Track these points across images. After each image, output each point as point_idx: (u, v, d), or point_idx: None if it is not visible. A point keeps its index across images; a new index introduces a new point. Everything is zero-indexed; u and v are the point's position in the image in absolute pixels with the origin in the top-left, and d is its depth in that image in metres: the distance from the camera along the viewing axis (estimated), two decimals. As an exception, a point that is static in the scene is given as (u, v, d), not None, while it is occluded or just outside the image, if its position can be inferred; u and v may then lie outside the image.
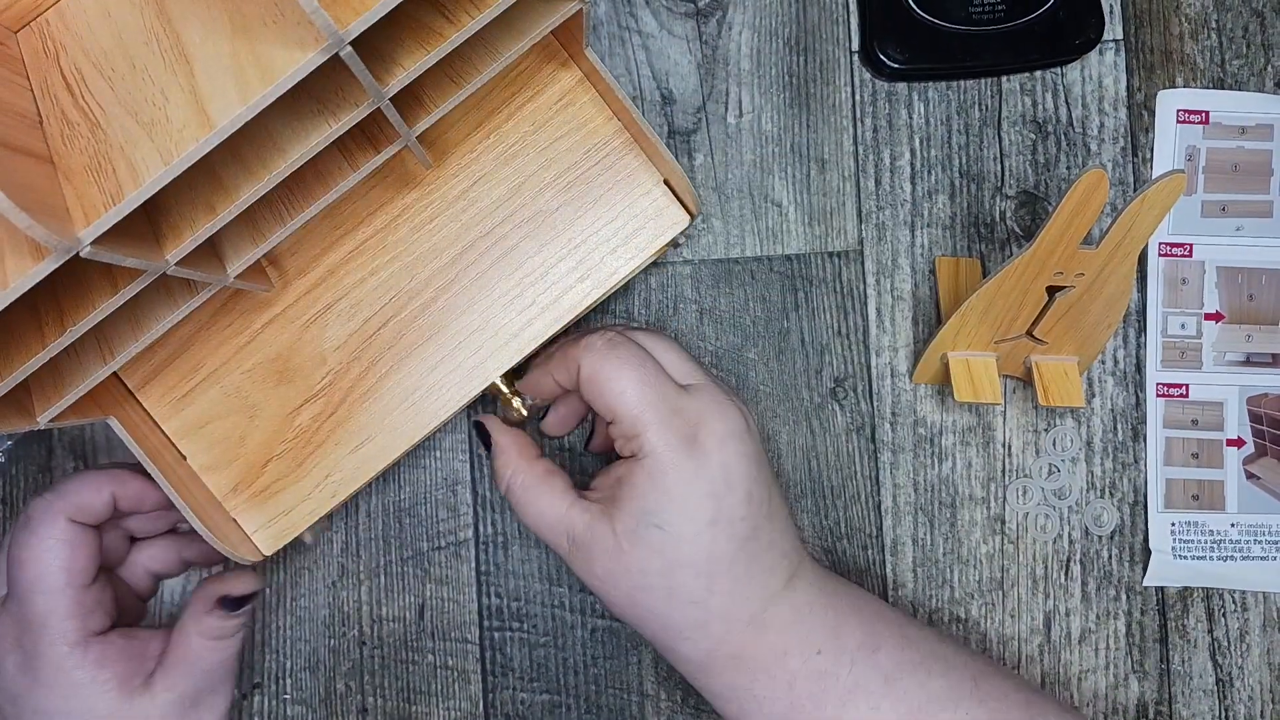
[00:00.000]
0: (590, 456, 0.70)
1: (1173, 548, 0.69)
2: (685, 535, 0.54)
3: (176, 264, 0.45)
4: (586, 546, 0.57)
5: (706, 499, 0.55)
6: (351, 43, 0.40)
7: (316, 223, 0.62)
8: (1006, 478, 0.70)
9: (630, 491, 0.55)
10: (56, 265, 0.38)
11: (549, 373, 0.59)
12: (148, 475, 0.58)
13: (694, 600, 0.55)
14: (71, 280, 0.45)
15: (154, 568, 0.63)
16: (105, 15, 0.45)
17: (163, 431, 0.61)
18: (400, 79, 0.45)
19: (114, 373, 0.57)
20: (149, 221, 0.45)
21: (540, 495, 0.59)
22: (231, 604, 0.58)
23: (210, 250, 0.51)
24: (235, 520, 0.61)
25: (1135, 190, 0.64)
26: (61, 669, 0.55)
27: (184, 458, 0.61)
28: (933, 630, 0.60)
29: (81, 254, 0.39)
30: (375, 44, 0.45)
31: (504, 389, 0.63)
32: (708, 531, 0.55)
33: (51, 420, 0.50)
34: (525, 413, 0.63)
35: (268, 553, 0.60)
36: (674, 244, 0.64)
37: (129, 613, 0.62)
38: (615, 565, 0.56)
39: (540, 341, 0.62)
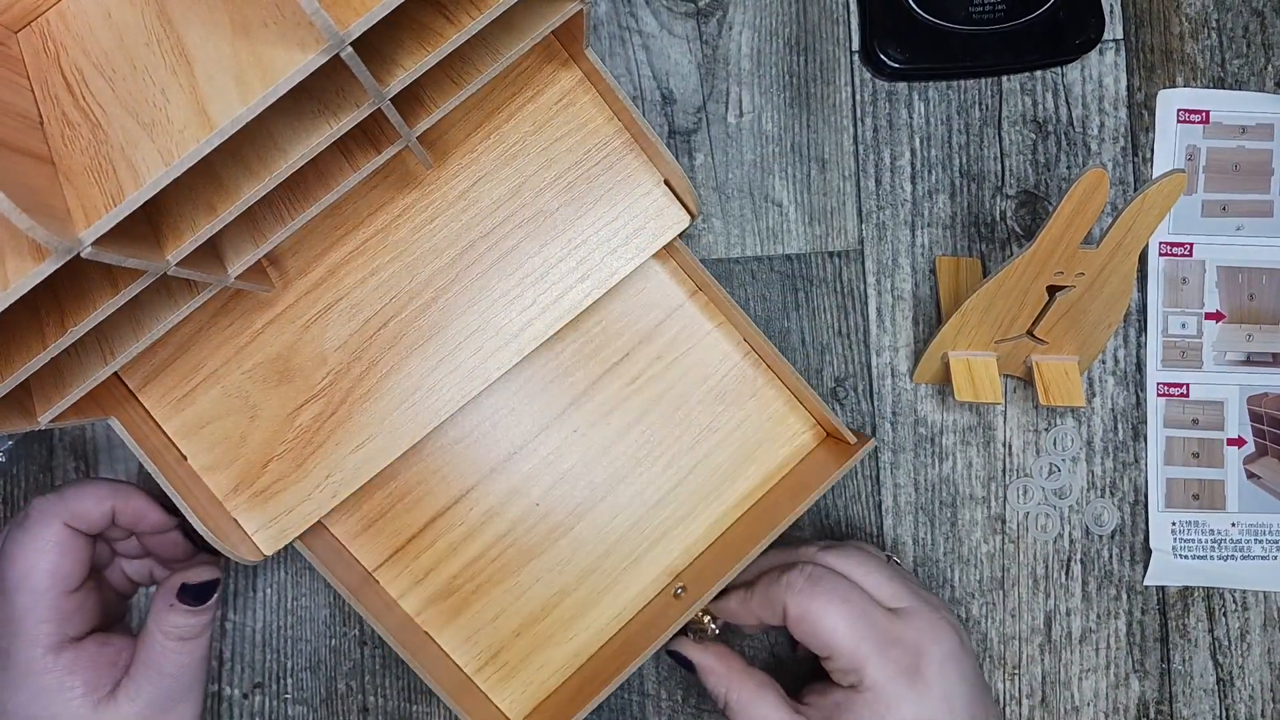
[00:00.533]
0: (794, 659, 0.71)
1: (1173, 547, 0.69)
2: None
3: (177, 264, 0.45)
4: None
5: None
6: (352, 43, 0.40)
7: (317, 223, 0.62)
8: (1007, 477, 0.70)
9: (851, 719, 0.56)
10: (57, 266, 0.38)
11: (751, 611, 0.61)
12: (151, 495, 0.58)
13: None
14: (72, 281, 0.45)
15: (134, 575, 0.63)
16: (106, 16, 0.45)
17: (163, 432, 0.61)
18: (401, 79, 0.45)
19: (115, 373, 0.57)
20: (149, 222, 0.45)
21: (761, 709, 0.59)
22: (193, 596, 0.57)
23: (211, 250, 0.51)
24: (236, 520, 0.61)
25: (1135, 190, 0.64)
26: (31, 672, 0.55)
27: (185, 458, 0.61)
28: None
29: (82, 255, 0.39)
30: (376, 44, 0.45)
31: (698, 613, 0.63)
32: None
33: (52, 420, 0.50)
34: (717, 630, 0.63)
35: (268, 552, 0.60)
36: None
37: (111, 611, 0.61)
38: None
39: (540, 341, 0.62)
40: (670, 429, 0.67)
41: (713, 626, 0.63)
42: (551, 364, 0.67)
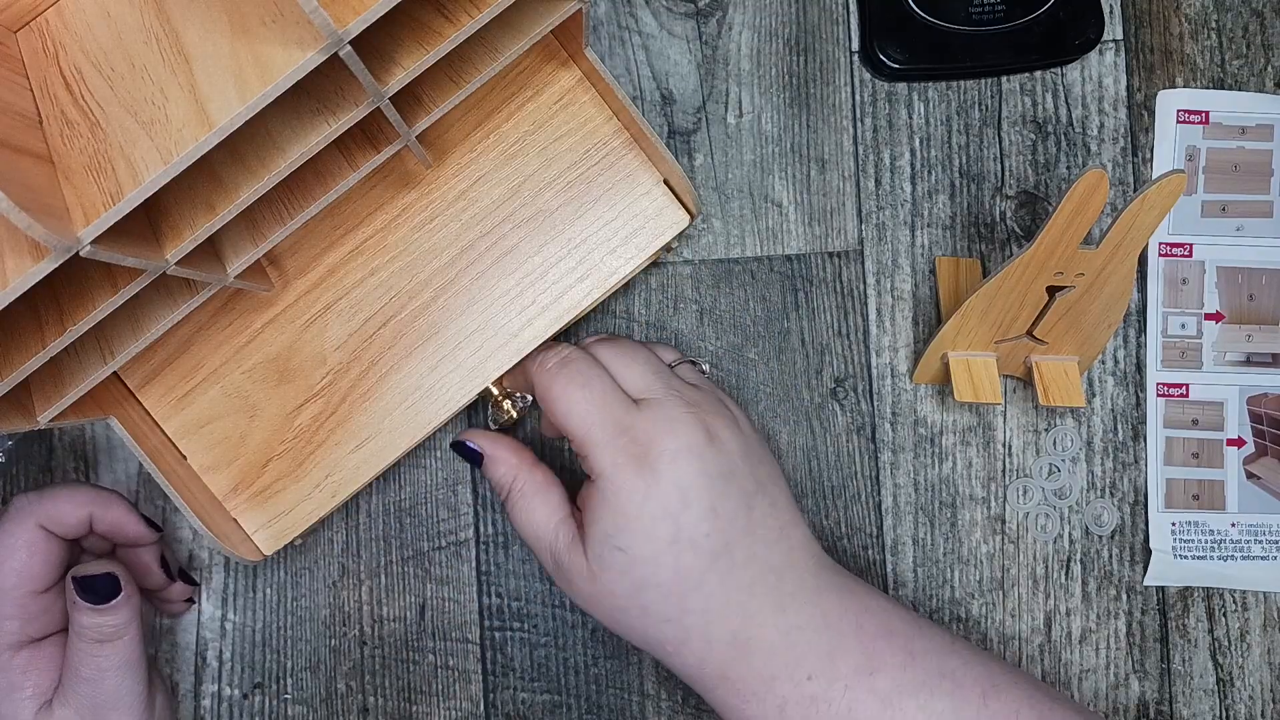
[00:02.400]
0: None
1: (1173, 547, 0.69)
2: (646, 556, 0.54)
3: (176, 264, 0.45)
4: (566, 569, 0.56)
5: (663, 518, 0.53)
6: (351, 42, 0.40)
7: (316, 222, 0.62)
8: (1007, 478, 0.70)
9: (591, 515, 0.55)
10: (56, 265, 0.38)
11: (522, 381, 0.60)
12: (132, 506, 0.58)
13: (668, 619, 0.55)
14: (71, 280, 0.45)
15: None
16: (105, 15, 0.45)
17: (163, 431, 0.61)
18: (400, 79, 0.45)
19: (114, 372, 0.57)
20: (149, 221, 0.45)
21: (537, 505, 0.58)
22: (91, 591, 0.55)
23: (210, 250, 0.51)
24: (236, 520, 0.61)
25: (1135, 190, 0.64)
26: None
27: (184, 458, 0.61)
28: (946, 639, 0.57)
29: (81, 254, 0.39)
30: (375, 43, 0.45)
31: (494, 390, 0.62)
32: (669, 550, 0.54)
33: (52, 420, 0.50)
34: (516, 415, 0.63)
35: (268, 552, 0.61)
36: (667, 249, 0.64)
37: None
38: (590, 588, 0.56)
39: (540, 341, 0.62)
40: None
41: (513, 413, 0.62)
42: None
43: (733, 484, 0.55)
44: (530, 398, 0.62)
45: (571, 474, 0.67)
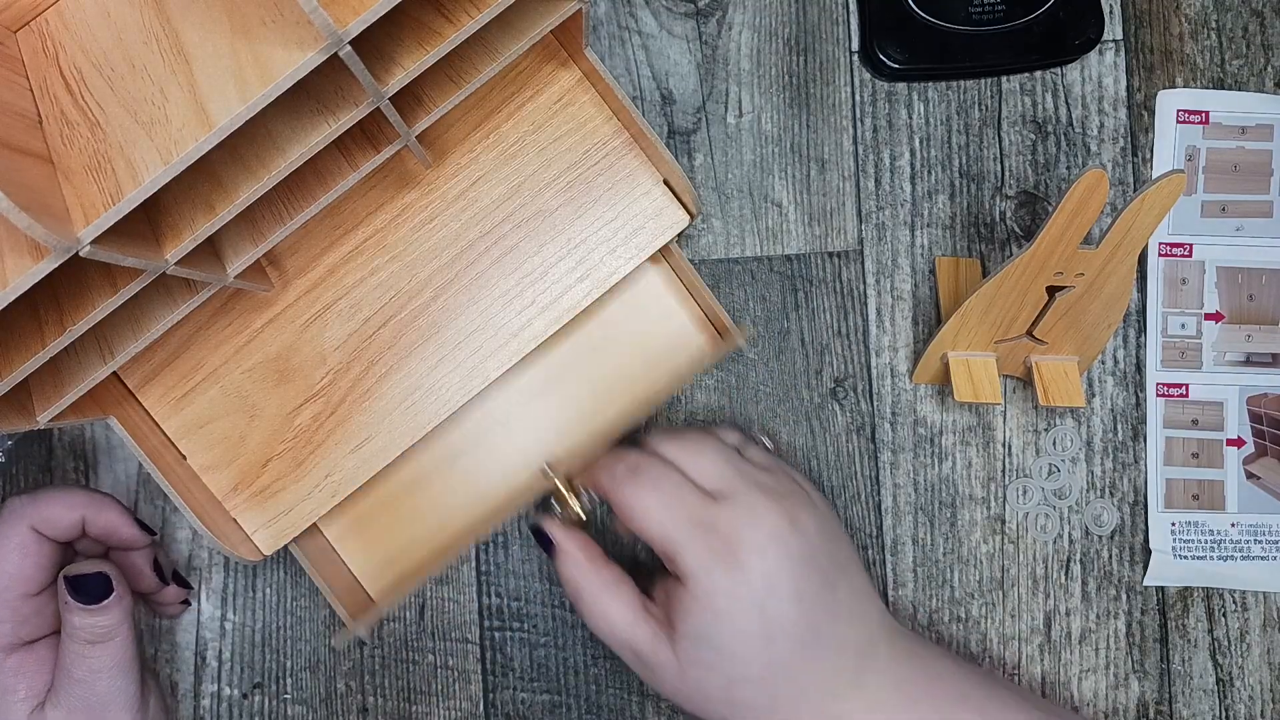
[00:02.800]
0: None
1: (1173, 547, 0.69)
2: (738, 653, 0.54)
3: (176, 264, 0.45)
4: (651, 666, 0.57)
5: (753, 613, 0.54)
6: (351, 42, 0.40)
7: (316, 222, 0.62)
8: (1006, 478, 0.70)
9: (680, 614, 0.55)
10: (56, 265, 0.38)
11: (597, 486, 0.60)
12: (125, 509, 0.58)
13: (757, 708, 0.55)
14: (71, 280, 0.45)
15: None
16: (104, 15, 0.45)
17: (163, 431, 0.61)
18: (399, 79, 0.45)
19: (114, 372, 0.57)
20: (149, 221, 0.45)
21: (608, 605, 0.58)
22: (82, 591, 0.55)
23: (210, 250, 0.51)
24: (235, 520, 0.61)
25: (1135, 190, 0.64)
26: None
27: (184, 457, 0.61)
28: (1016, 699, 0.58)
29: (81, 254, 0.39)
30: (375, 43, 0.45)
31: (562, 487, 0.62)
32: (760, 644, 0.54)
33: (51, 420, 0.50)
34: (584, 515, 0.62)
35: (267, 552, 0.61)
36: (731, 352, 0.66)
37: None
38: (679, 685, 0.56)
39: (539, 341, 0.62)
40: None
41: (578, 511, 0.62)
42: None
43: (815, 567, 0.56)
44: (598, 497, 0.62)
45: (634, 561, 0.68)
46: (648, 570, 0.60)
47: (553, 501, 0.63)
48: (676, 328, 0.67)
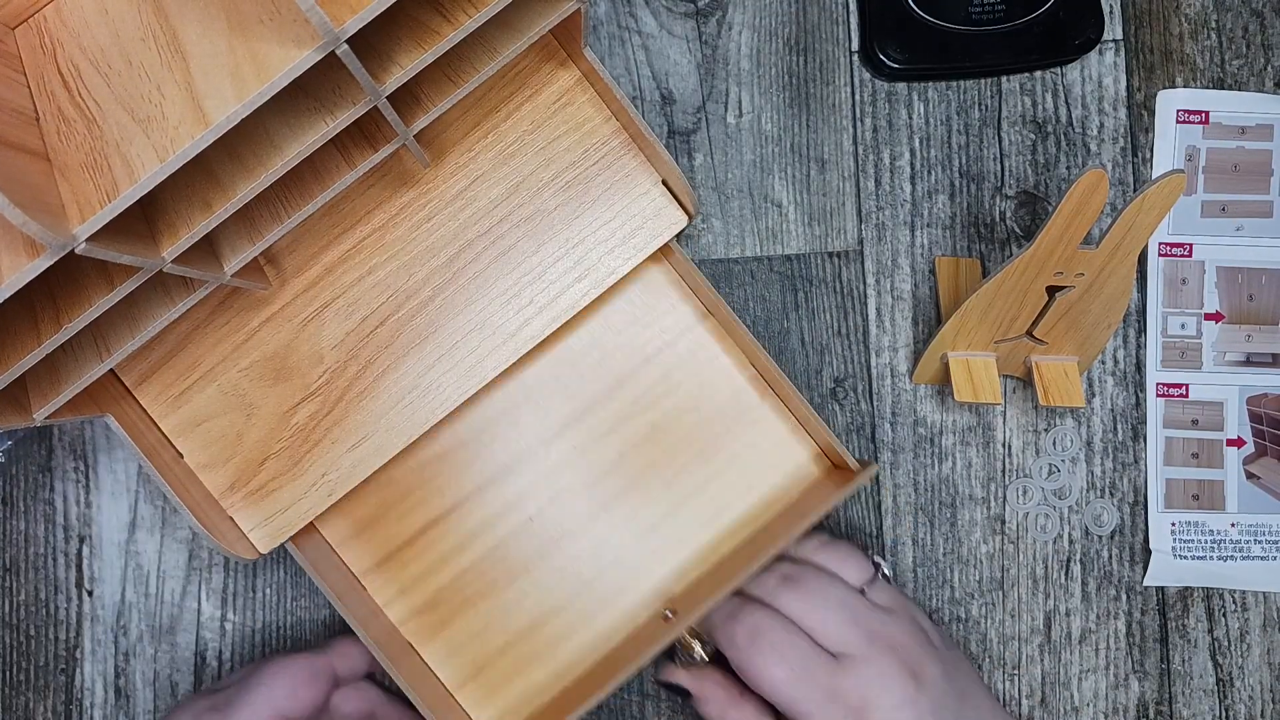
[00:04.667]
0: None
1: (1173, 547, 0.69)
2: None
3: (173, 261, 0.45)
4: None
5: None
6: (349, 41, 0.40)
7: (314, 221, 0.62)
8: (1006, 478, 0.70)
9: None
10: (51, 262, 0.38)
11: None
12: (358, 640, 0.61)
13: None
14: (67, 277, 0.45)
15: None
16: (102, 12, 0.45)
17: (159, 429, 0.61)
18: (397, 77, 0.45)
19: (111, 370, 0.57)
20: (145, 219, 0.45)
21: None
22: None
23: (207, 248, 0.51)
24: (232, 518, 0.61)
25: (1135, 190, 0.64)
26: None
27: (180, 455, 0.61)
28: None
29: (76, 251, 0.39)
30: (372, 42, 0.45)
31: (685, 635, 0.62)
32: None
33: (48, 417, 0.50)
34: (707, 658, 0.62)
35: (264, 550, 0.60)
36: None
37: None
38: None
39: (538, 340, 0.62)
40: (670, 451, 0.67)
41: (702, 654, 0.62)
42: (554, 378, 0.67)
43: (944, 713, 0.56)
44: (710, 647, 0.62)
45: None
46: None
47: (678, 645, 0.63)
48: (793, 464, 0.68)
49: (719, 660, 0.61)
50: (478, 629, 0.66)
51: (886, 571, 0.64)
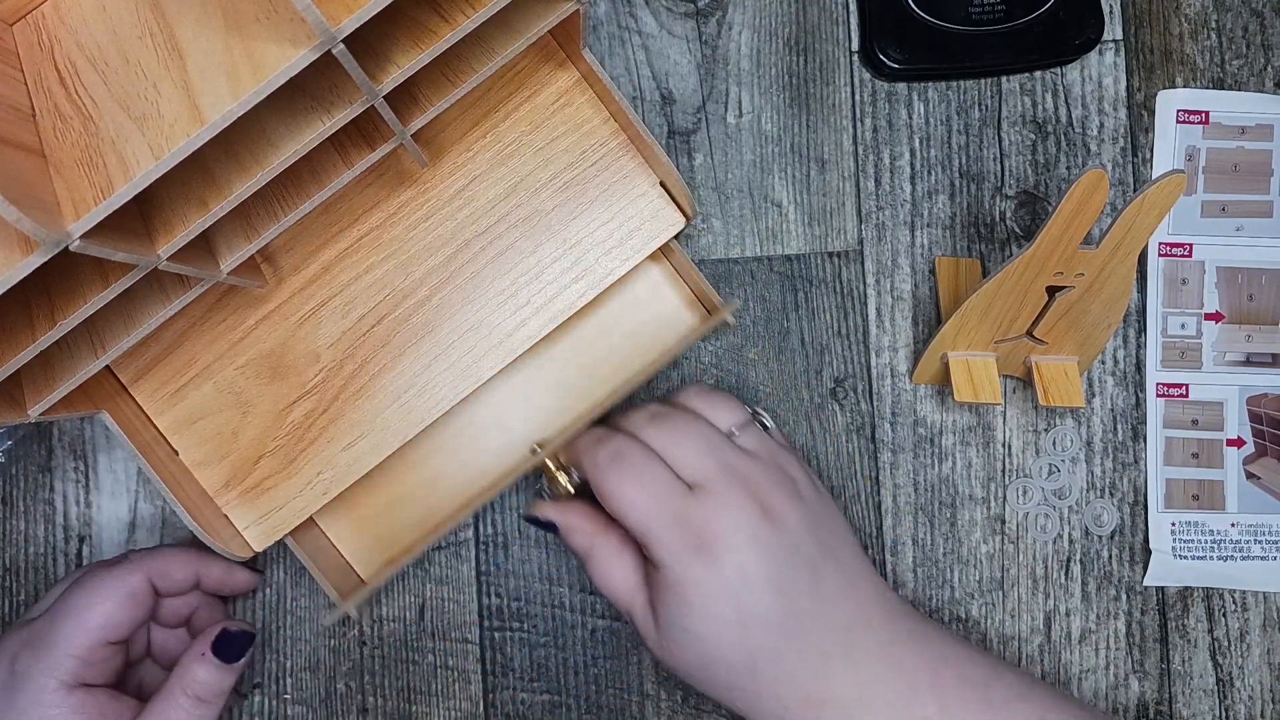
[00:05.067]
0: None
1: (1173, 547, 0.69)
2: (712, 639, 0.54)
3: (169, 259, 0.45)
4: (642, 633, 0.58)
5: (726, 604, 0.54)
6: (346, 40, 0.40)
7: (311, 220, 0.62)
8: (1006, 478, 0.69)
9: (657, 598, 0.56)
10: (45, 259, 0.38)
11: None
12: (231, 562, 0.61)
13: (738, 687, 0.55)
14: (63, 274, 0.45)
15: (158, 644, 0.64)
16: (100, 9, 0.45)
17: (155, 426, 0.61)
18: (394, 77, 0.46)
19: (107, 367, 0.57)
20: (141, 216, 0.45)
21: (613, 569, 0.59)
22: (228, 648, 0.58)
23: (204, 246, 0.51)
24: (227, 516, 0.61)
25: (1135, 190, 0.64)
26: (39, 702, 0.55)
27: (176, 453, 0.61)
28: (1025, 685, 0.57)
29: (71, 248, 0.39)
30: (370, 41, 0.45)
31: (550, 464, 0.62)
32: (736, 632, 0.54)
33: (43, 414, 0.50)
34: (572, 489, 0.62)
35: (259, 549, 0.61)
36: (728, 325, 0.65)
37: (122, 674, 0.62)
38: (663, 655, 0.57)
39: (534, 341, 0.62)
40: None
41: (567, 486, 0.62)
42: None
43: (796, 555, 0.56)
44: (577, 478, 0.62)
45: None
46: None
47: (544, 480, 0.63)
48: (668, 309, 0.68)
49: (588, 496, 0.61)
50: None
51: (766, 423, 0.64)
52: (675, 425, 0.59)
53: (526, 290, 0.62)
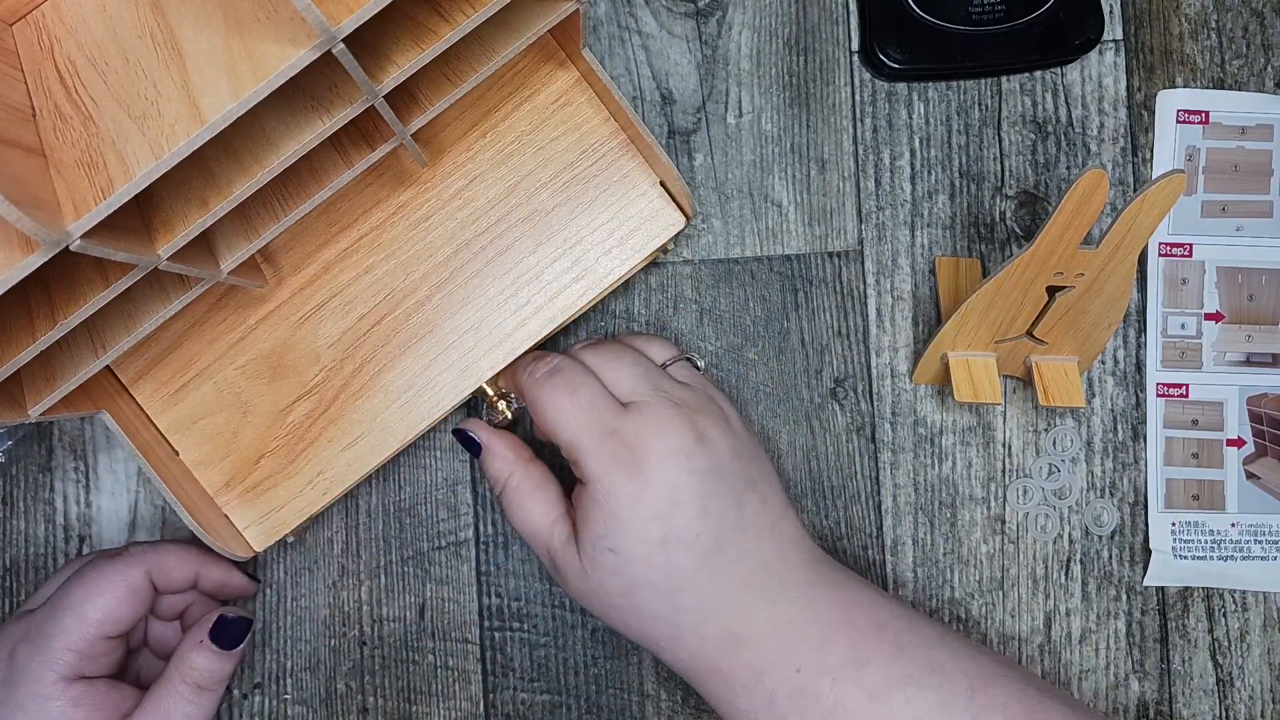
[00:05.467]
0: None
1: (1173, 547, 0.69)
2: (638, 557, 0.54)
3: (169, 259, 0.45)
4: (561, 566, 0.57)
5: (653, 520, 0.54)
6: (346, 40, 0.40)
7: (312, 219, 0.62)
8: (1006, 478, 0.69)
9: (583, 516, 0.56)
10: (46, 258, 0.38)
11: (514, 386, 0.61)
12: (233, 565, 0.62)
13: (660, 616, 0.55)
14: (63, 273, 0.45)
15: (154, 636, 0.64)
16: (100, 9, 0.45)
17: (155, 426, 0.61)
18: (394, 77, 0.46)
19: (107, 367, 0.57)
20: (142, 216, 0.46)
21: (532, 503, 0.59)
22: (226, 634, 0.58)
23: (204, 245, 0.51)
24: (227, 516, 0.61)
25: (1135, 190, 0.64)
26: (38, 694, 0.55)
27: (176, 453, 0.61)
28: (937, 632, 0.57)
29: (71, 247, 0.39)
30: (370, 41, 0.45)
31: (489, 390, 0.63)
32: (660, 551, 0.54)
33: (43, 414, 0.50)
34: (511, 415, 0.63)
35: (259, 549, 0.61)
36: (664, 249, 0.64)
37: (121, 666, 0.62)
38: (584, 585, 0.56)
39: (534, 341, 0.62)
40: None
41: (507, 414, 0.62)
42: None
43: (723, 482, 0.56)
44: (520, 402, 0.62)
45: (567, 471, 0.67)
46: (575, 478, 0.59)
47: (483, 406, 0.63)
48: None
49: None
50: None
51: (699, 364, 0.64)
52: (611, 350, 0.59)
53: (526, 290, 0.62)
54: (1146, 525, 0.69)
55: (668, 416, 0.56)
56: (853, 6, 0.71)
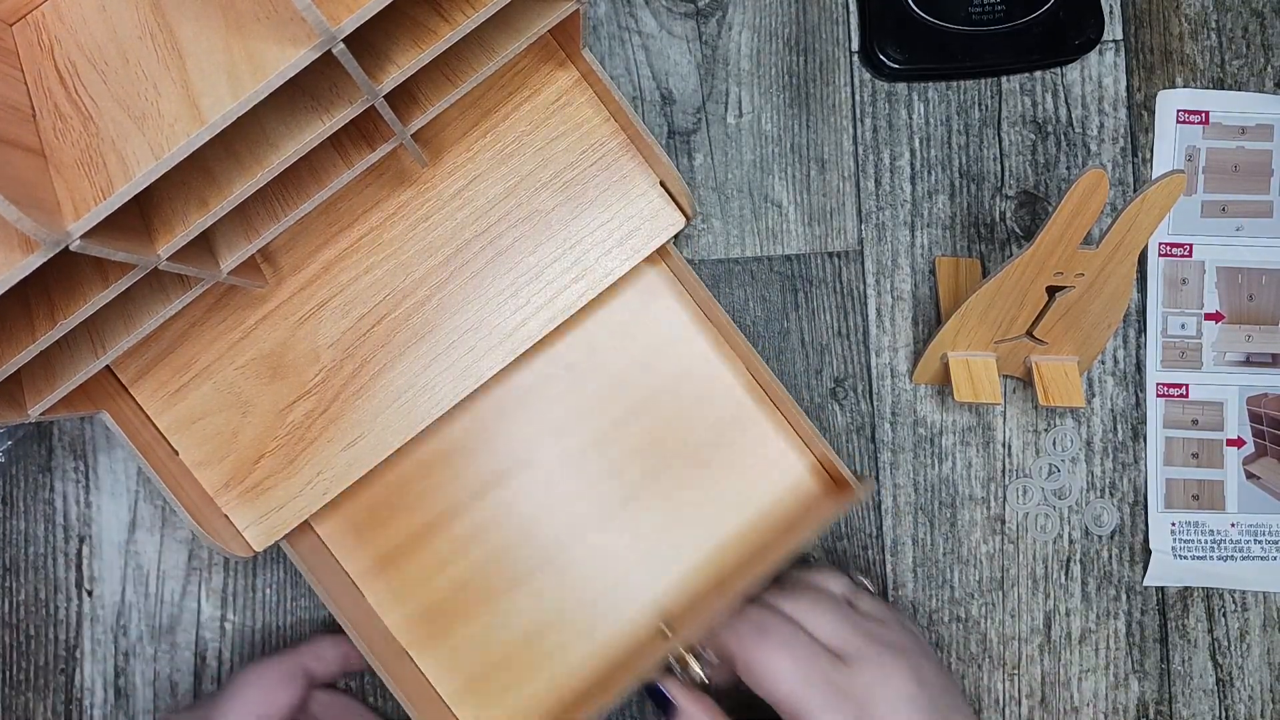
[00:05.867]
0: None
1: (1173, 547, 0.69)
2: None
3: (169, 259, 0.45)
4: None
5: None
6: (346, 40, 0.40)
7: (312, 219, 0.62)
8: (1006, 478, 0.69)
9: None
10: (45, 259, 0.38)
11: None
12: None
13: None
14: (63, 273, 0.45)
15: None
16: (100, 9, 0.45)
17: (155, 426, 0.61)
18: (394, 77, 0.45)
19: (107, 367, 0.57)
20: (142, 216, 0.45)
21: None
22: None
23: (204, 245, 0.51)
24: (227, 516, 0.61)
25: (1135, 190, 0.64)
26: None
27: (176, 453, 0.61)
28: None
29: (71, 247, 0.39)
30: (370, 41, 0.45)
31: (684, 651, 0.62)
32: None
33: (43, 413, 0.50)
34: (706, 679, 0.62)
35: (259, 549, 0.61)
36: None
37: None
38: None
39: (533, 341, 0.62)
40: (668, 459, 0.67)
41: (699, 672, 0.61)
42: (551, 379, 0.67)
43: (935, 715, 0.56)
44: (716, 658, 0.61)
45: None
46: None
47: (672, 661, 0.62)
48: (792, 478, 0.68)
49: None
50: (474, 637, 0.66)
51: (870, 587, 0.64)
52: (805, 597, 0.60)
53: (526, 290, 0.62)
54: (1146, 525, 0.69)
55: (889, 665, 0.57)
56: (853, 6, 0.71)
